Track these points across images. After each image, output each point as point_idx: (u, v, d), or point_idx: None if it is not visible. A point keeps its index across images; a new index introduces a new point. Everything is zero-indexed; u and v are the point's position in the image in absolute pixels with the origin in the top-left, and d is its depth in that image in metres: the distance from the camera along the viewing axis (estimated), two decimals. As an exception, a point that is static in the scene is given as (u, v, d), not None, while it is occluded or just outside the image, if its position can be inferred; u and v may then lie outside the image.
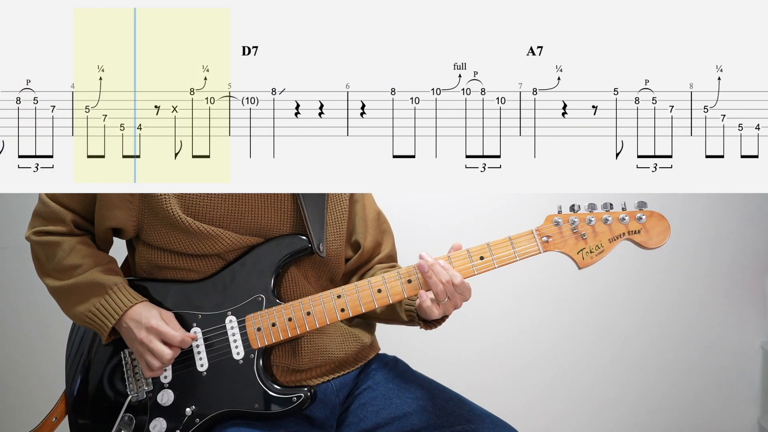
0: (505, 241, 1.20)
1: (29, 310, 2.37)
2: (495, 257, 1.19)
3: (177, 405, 1.21)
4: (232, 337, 1.21)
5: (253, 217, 1.23)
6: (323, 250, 1.26)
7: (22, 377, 2.37)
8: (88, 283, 1.20)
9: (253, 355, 1.21)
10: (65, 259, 1.22)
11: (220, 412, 1.20)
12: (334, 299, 1.21)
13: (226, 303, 1.22)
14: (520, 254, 1.19)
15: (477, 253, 1.20)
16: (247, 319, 1.21)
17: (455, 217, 2.39)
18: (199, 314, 1.23)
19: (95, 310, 1.19)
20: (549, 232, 1.20)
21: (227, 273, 1.23)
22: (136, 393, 1.22)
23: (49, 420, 1.29)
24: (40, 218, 1.26)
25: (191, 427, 1.20)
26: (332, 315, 1.20)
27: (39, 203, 1.27)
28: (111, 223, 1.22)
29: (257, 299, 1.22)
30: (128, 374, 1.23)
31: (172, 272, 1.25)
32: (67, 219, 1.24)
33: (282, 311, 1.21)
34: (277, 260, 1.23)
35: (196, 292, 1.23)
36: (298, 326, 1.20)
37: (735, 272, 2.43)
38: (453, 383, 1.33)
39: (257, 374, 1.20)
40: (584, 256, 1.20)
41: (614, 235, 1.20)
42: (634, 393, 2.44)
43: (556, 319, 2.43)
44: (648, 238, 1.20)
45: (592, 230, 1.20)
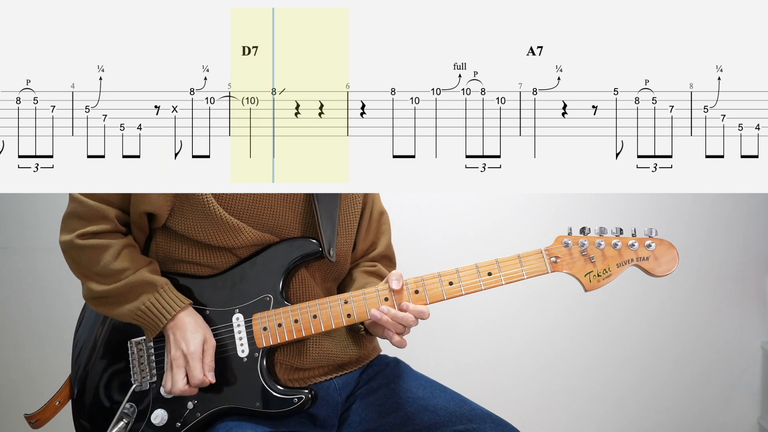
0: (514, 259, 1.21)
1: (30, 309, 2.37)
2: (503, 274, 1.21)
3: (179, 398, 1.22)
4: (238, 334, 1.22)
5: (270, 214, 1.24)
6: (333, 255, 1.27)
7: (24, 376, 2.37)
8: (138, 283, 1.20)
9: (257, 354, 1.21)
10: (112, 264, 1.20)
11: (220, 408, 1.21)
12: (341, 304, 1.22)
13: (235, 300, 1.23)
14: (528, 273, 1.21)
15: (485, 268, 1.21)
16: (254, 318, 1.22)
17: (455, 218, 2.39)
18: (207, 310, 1.24)
19: (145, 308, 1.19)
20: (558, 252, 1.21)
21: (237, 271, 1.24)
22: (140, 383, 1.23)
23: (53, 403, 1.30)
24: (79, 219, 1.22)
25: (191, 420, 1.21)
26: (338, 320, 1.21)
27: (74, 203, 1.23)
28: (146, 207, 1.21)
29: (265, 299, 1.23)
30: (134, 364, 1.25)
31: (185, 266, 1.26)
32: (111, 215, 1.22)
33: (289, 313, 1.22)
34: (287, 262, 1.24)
35: (206, 287, 1.24)
36: (304, 329, 1.21)
37: (735, 272, 2.43)
38: (454, 385, 1.33)
39: (260, 373, 1.21)
40: (591, 279, 1.21)
41: (623, 260, 1.21)
42: (634, 393, 2.44)
43: (556, 319, 2.43)
44: (656, 265, 1.21)
45: (601, 254, 1.21)
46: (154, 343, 1.24)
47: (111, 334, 1.28)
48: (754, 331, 2.44)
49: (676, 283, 2.42)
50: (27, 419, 1.30)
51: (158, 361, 1.24)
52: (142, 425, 1.21)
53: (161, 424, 1.21)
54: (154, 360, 1.24)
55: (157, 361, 1.24)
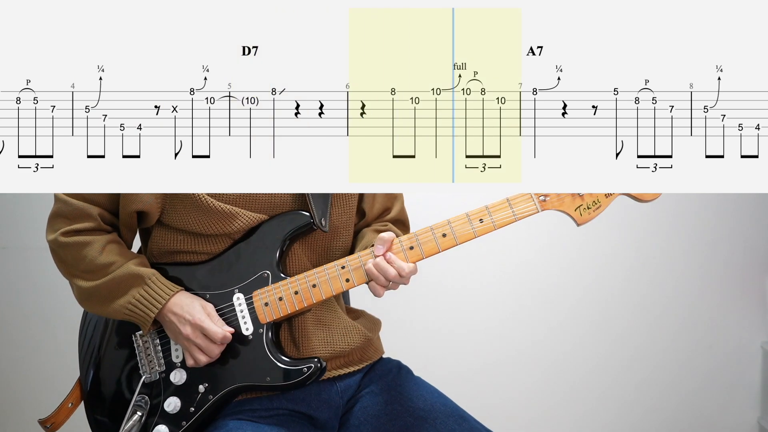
0: (503, 203, 1.21)
1: (30, 309, 2.37)
2: (494, 219, 1.20)
3: (190, 383, 1.22)
4: (240, 313, 1.23)
5: (267, 195, 1.25)
6: (326, 224, 1.26)
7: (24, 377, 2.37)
8: (125, 276, 1.20)
9: (261, 330, 1.22)
10: (98, 258, 1.21)
11: (232, 387, 1.21)
12: (339, 270, 1.22)
13: (233, 281, 1.24)
14: (518, 214, 1.20)
15: (476, 216, 1.21)
16: (255, 295, 1.23)
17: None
18: (207, 294, 1.24)
19: (135, 301, 1.19)
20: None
21: (232, 252, 1.25)
22: (149, 374, 1.24)
23: (65, 405, 1.30)
24: (63, 218, 1.24)
25: (205, 403, 1.21)
26: (337, 285, 1.22)
27: (58, 203, 1.24)
28: (137, 206, 1.22)
29: (263, 275, 1.23)
30: (141, 356, 1.25)
31: (182, 256, 1.26)
32: (94, 213, 1.23)
33: (288, 285, 1.22)
34: (281, 236, 1.24)
35: (203, 272, 1.25)
36: (305, 299, 1.22)
37: (735, 272, 2.43)
38: (457, 390, 1.33)
39: (267, 348, 1.22)
40: (582, 212, 1.20)
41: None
42: (634, 393, 2.44)
43: (553, 319, 2.43)
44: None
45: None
46: (158, 333, 1.25)
47: (116, 328, 1.28)
48: (754, 331, 2.44)
49: (675, 283, 2.42)
50: (41, 424, 1.29)
51: (164, 350, 1.25)
52: (156, 416, 1.22)
53: (175, 411, 1.22)
54: (161, 350, 1.25)
55: (163, 350, 1.25)
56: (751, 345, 2.44)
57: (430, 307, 2.40)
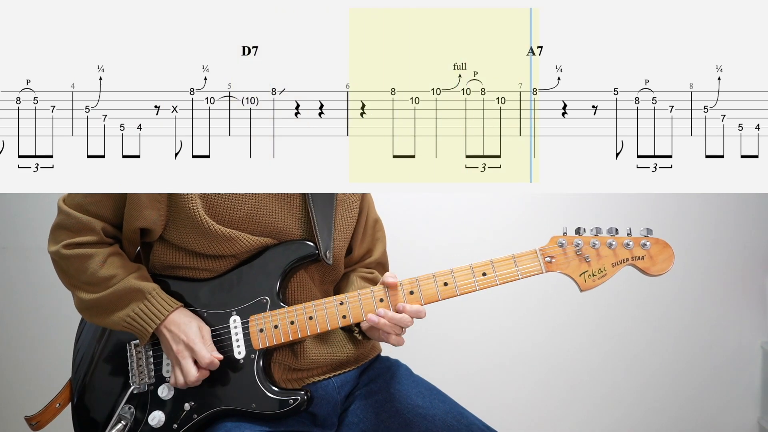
0: (508, 259, 1.21)
1: (30, 309, 2.37)
2: (498, 274, 1.20)
3: (176, 399, 1.22)
4: (234, 336, 1.22)
5: (270, 219, 1.25)
6: (330, 257, 1.27)
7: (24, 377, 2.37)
8: (126, 290, 1.21)
9: (254, 356, 1.22)
10: (99, 271, 1.21)
11: (217, 409, 1.21)
12: (337, 306, 1.22)
13: (232, 302, 1.24)
14: (523, 273, 1.21)
15: (480, 269, 1.20)
16: (251, 320, 1.22)
17: (455, 218, 2.39)
18: (205, 312, 1.24)
19: (135, 315, 1.20)
20: (552, 252, 1.21)
21: (235, 273, 1.25)
22: (138, 385, 1.24)
23: (53, 405, 1.30)
24: (65, 230, 1.24)
25: (188, 422, 1.21)
26: (334, 321, 1.21)
27: (62, 215, 1.24)
28: (141, 223, 1.22)
29: (262, 301, 1.23)
30: (132, 366, 1.25)
31: (183, 271, 1.26)
32: (97, 227, 1.23)
33: (285, 314, 1.22)
34: (284, 264, 1.24)
35: (205, 291, 1.25)
36: (300, 330, 1.21)
37: (734, 272, 2.43)
38: (456, 390, 1.33)
39: (256, 375, 1.21)
40: (586, 279, 1.21)
41: (618, 260, 1.21)
42: (634, 393, 2.44)
43: (554, 319, 2.43)
44: (651, 264, 1.21)
45: (596, 254, 1.21)
46: (152, 346, 1.25)
47: (112, 337, 1.28)
48: (754, 331, 2.44)
49: (675, 284, 2.42)
50: (27, 421, 1.30)
51: (156, 363, 1.24)
52: (140, 427, 1.22)
53: (158, 425, 1.21)
54: (153, 362, 1.24)
55: (155, 364, 1.24)
56: (751, 345, 2.44)
57: (430, 307, 2.40)
